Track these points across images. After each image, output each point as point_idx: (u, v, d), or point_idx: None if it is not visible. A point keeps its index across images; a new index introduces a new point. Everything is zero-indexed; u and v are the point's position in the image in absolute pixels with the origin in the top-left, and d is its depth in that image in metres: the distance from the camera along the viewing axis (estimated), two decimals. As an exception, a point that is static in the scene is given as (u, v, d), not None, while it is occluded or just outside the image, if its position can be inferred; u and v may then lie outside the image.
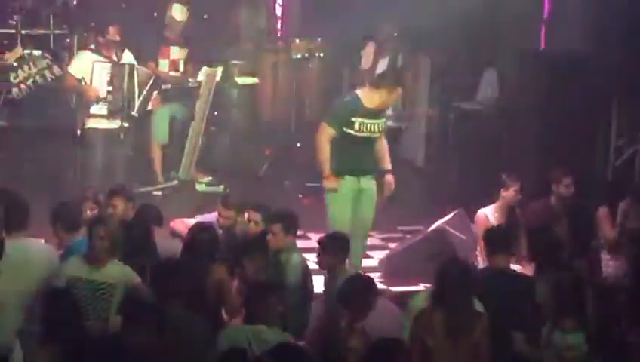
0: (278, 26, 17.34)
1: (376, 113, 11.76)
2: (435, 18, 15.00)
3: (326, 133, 11.79)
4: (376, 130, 11.88)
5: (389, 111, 14.21)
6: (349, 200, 11.69)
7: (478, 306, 8.89)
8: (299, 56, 15.83)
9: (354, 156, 11.82)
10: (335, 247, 10.13)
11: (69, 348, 7.99)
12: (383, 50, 14.93)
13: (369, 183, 11.95)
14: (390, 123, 14.57)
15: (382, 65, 14.86)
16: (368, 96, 11.63)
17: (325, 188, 11.77)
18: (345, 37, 15.39)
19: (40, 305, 8.67)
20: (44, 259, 9.49)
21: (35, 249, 9.54)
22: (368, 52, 15.06)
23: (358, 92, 12.04)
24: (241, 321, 8.95)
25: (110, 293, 9.13)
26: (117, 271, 9.30)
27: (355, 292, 9.05)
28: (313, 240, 10.92)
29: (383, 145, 12.10)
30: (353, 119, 11.61)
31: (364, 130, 11.72)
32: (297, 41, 16.14)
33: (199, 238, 10.07)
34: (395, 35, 15.24)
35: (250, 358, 7.70)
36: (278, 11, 17.43)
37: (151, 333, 8.15)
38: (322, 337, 8.86)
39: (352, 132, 11.66)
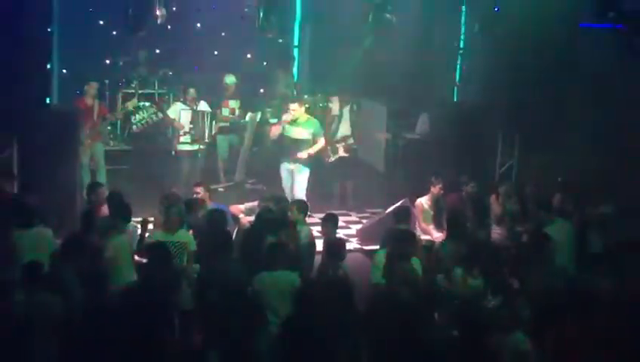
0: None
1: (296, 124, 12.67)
2: (390, 80, 15.06)
3: (273, 133, 13.24)
4: (298, 136, 12.70)
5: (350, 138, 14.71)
6: (285, 175, 12.84)
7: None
8: (306, 105, 15.81)
9: (286, 149, 12.84)
10: (329, 222, 10.04)
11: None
12: (345, 101, 14.86)
13: (298, 168, 12.67)
14: (355, 147, 14.78)
15: (345, 115, 14.87)
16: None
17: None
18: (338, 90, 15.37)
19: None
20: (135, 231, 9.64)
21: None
22: (335, 101, 15.09)
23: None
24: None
25: (183, 248, 9.13)
26: (184, 235, 9.36)
27: (330, 248, 9.11)
28: (316, 218, 10.86)
29: (315, 146, 12.82)
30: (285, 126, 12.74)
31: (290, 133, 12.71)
32: (305, 96, 16.14)
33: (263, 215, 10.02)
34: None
35: None
36: (295, 75, 17.44)
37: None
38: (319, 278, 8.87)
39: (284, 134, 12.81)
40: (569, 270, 9.35)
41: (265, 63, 17.24)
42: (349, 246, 10.33)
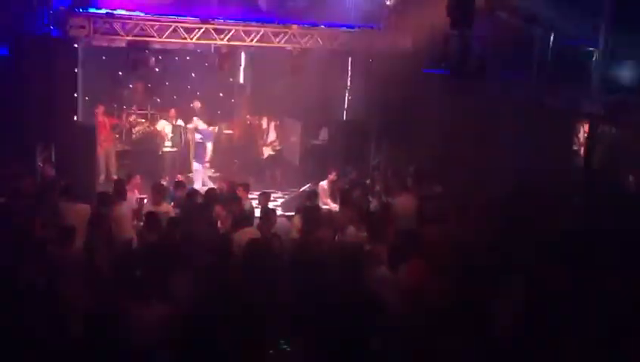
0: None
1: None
2: (302, 106, 15.04)
3: None
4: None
5: (275, 143, 14.93)
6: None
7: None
8: (249, 122, 15.76)
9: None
10: (263, 197, 10.07)
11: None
12: (272, 117, 14.88)
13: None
14: (278, 148, 14.79)
15: (271, 128, 14.87)
16: None
17: None
18: (268, 111, 15.27)
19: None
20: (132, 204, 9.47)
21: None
22: (265, 119, 15.10)
23: None
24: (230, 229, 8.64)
25: (165, 215, 8.76)
26: (167, 206, 9.27)
27: (265, 215, 8.98)
28: (254, 194, 10.84)
29: None
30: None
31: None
32: (248, 116, 16.09)
33: (212, 193, 9.95)
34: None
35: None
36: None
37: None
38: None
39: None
40: (411, 225, 9.26)
41: (221, 94, 17.07)
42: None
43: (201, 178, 13.55)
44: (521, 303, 6.42)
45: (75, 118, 11.88)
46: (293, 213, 10.11)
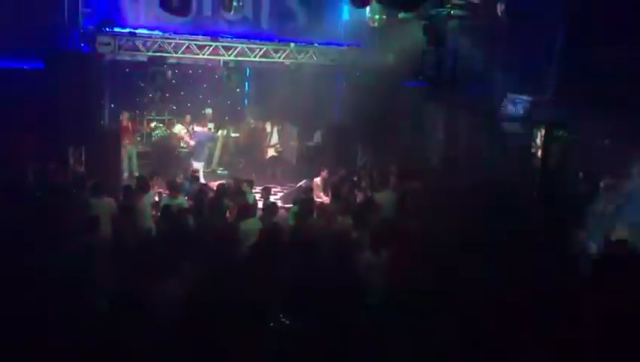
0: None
1: None
2: (300, 112, 15.06)
3: None
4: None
5: (278, 145, 14.55)
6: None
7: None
8: (253, 126, 15.85)
9: None
10: (265, 191, 10.16)
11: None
12: (275, 123, 14.92)
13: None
14: (280, 150, 14.71)
15: (274, 132, 14.72)
16: None
17: None
18: (271, 117, 15.31)
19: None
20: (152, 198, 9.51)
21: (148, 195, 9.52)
22: (268, 124, 15.12)
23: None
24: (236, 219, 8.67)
25: (179, 206, 8.76)
26: (181, 199, 9.27)
27: (268, 208, 9.07)
28: (257, 189, 10.96)
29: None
30: None
31: None
32: (251, 120, 16.19)
33: (221, 188, 10.00)
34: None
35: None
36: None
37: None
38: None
39: None
40: (390, 215, 9.35)
41: (229, 102, 17.15)
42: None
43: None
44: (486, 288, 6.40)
45: (102, 122, 12.00)
46: (291, 205, 10.25)
